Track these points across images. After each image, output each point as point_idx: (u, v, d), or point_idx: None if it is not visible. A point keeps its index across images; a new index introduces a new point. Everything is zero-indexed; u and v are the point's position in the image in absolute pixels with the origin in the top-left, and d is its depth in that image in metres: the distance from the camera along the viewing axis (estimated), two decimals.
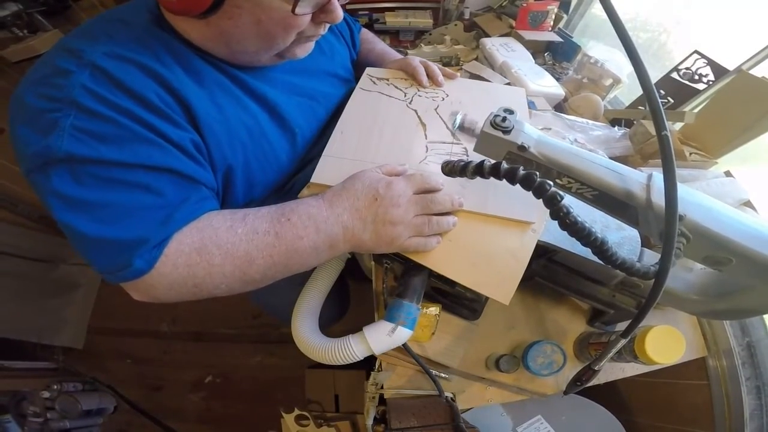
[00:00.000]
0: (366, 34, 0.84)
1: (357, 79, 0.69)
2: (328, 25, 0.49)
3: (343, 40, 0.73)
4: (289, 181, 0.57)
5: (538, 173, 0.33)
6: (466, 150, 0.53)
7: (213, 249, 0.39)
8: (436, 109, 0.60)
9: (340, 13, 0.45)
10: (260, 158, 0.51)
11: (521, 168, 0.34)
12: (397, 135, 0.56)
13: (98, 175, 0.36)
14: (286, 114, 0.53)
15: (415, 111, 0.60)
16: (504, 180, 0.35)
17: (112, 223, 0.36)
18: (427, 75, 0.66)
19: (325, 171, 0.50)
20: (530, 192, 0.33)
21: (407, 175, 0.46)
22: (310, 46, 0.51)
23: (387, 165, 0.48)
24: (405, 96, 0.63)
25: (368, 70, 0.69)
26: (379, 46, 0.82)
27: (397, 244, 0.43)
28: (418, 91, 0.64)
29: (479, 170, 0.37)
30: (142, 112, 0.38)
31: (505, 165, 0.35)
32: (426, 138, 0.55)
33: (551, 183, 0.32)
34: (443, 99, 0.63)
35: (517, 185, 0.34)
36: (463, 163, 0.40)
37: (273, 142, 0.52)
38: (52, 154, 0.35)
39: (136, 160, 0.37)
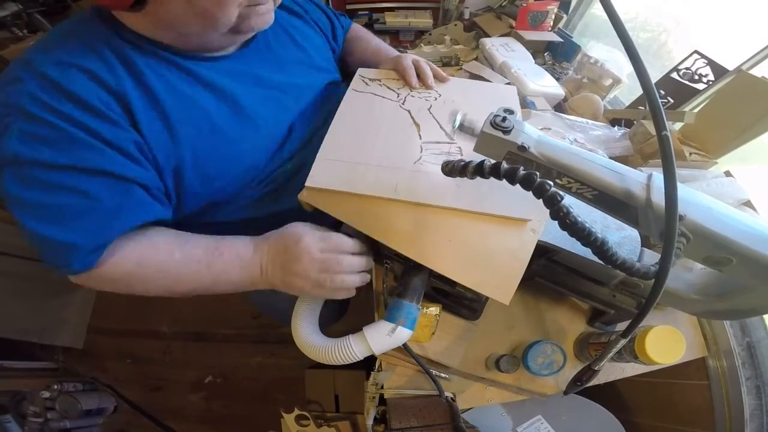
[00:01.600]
0: (358, 31, 0.82)
1: (349, 75, 0.68)
2: None
3: (320, 31, 0.71)
4: (270, 175, 0.57)
5: (538, 173, 0.33)
6: (460, 149, 0.53)
7: (151, 265, 0.45)
8: (429, 109, 0.60)
9: None
10: (212, 152, 0.50)
11: (521, 168, 0.34)
12: (391, 136, 0.55)
13: (39, 178, 0.39)
14: (245, 104, 0.53)
15: (408, 111, 0.60)
16: (504, 180, 0.35)
17: (51, 224, 0.40)
18: (418, 75, 0.65)
19: (320, 174, 0.50)
20: (530, 192, 0.33)
21: (322, 234, 0.49)
22: (269, 17, 0.50)
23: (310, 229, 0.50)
24: (398, 96, 0.63)
25: (360, 70, 0.69)
26: (374, 42, 0.80)
27: (305, 292, 0.49)
28: (411, 91, 0.64)
29: (479, 170, 0.37)
30: (82, 115, 0.40)
31: (505, 165, 0.35)
32: (420, 138, 0.55)
33: (551, 183, 0.32)
34: (436, 99, 0.63)
35: (517, 185, 0.34)
36: (463, 163, 0.40)
37: (227, 134, 0.51)
38: (2, 155, 0.39)
39: (72, 162, 0.40)
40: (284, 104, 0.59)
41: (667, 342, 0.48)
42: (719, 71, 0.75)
